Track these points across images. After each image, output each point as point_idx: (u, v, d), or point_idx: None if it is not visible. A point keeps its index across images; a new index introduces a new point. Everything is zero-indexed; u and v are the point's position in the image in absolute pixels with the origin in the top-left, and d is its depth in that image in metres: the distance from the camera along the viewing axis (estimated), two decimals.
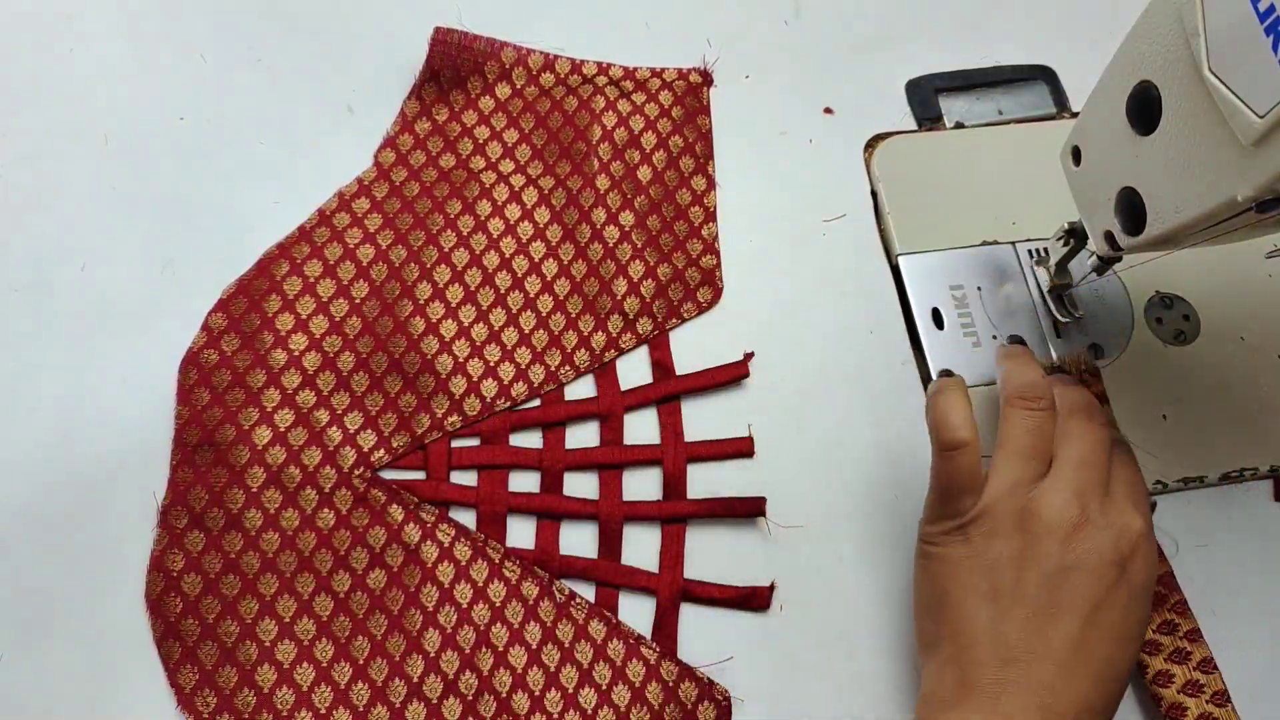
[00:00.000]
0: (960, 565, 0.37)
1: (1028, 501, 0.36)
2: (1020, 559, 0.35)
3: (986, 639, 0.35)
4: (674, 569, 0.42)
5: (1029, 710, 0.33)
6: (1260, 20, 0.29)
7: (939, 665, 0.36)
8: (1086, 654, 0.34)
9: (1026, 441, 0.38)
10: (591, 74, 0.51)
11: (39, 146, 0.47)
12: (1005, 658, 0.34)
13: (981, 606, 0.35)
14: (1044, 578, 0.35)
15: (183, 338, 0.44)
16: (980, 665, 0.35)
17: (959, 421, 0.38)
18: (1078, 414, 0.39)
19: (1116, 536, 0.35)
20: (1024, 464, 0.37)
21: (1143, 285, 0.48)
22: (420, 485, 0.42)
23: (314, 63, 0.50)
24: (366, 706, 0.39)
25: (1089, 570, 0.35)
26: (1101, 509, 0.36)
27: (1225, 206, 0.31)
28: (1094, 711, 0.34)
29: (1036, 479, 0.37)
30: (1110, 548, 0.35)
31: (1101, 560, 0.35)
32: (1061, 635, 0.34)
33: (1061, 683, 0.34)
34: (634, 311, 0.46)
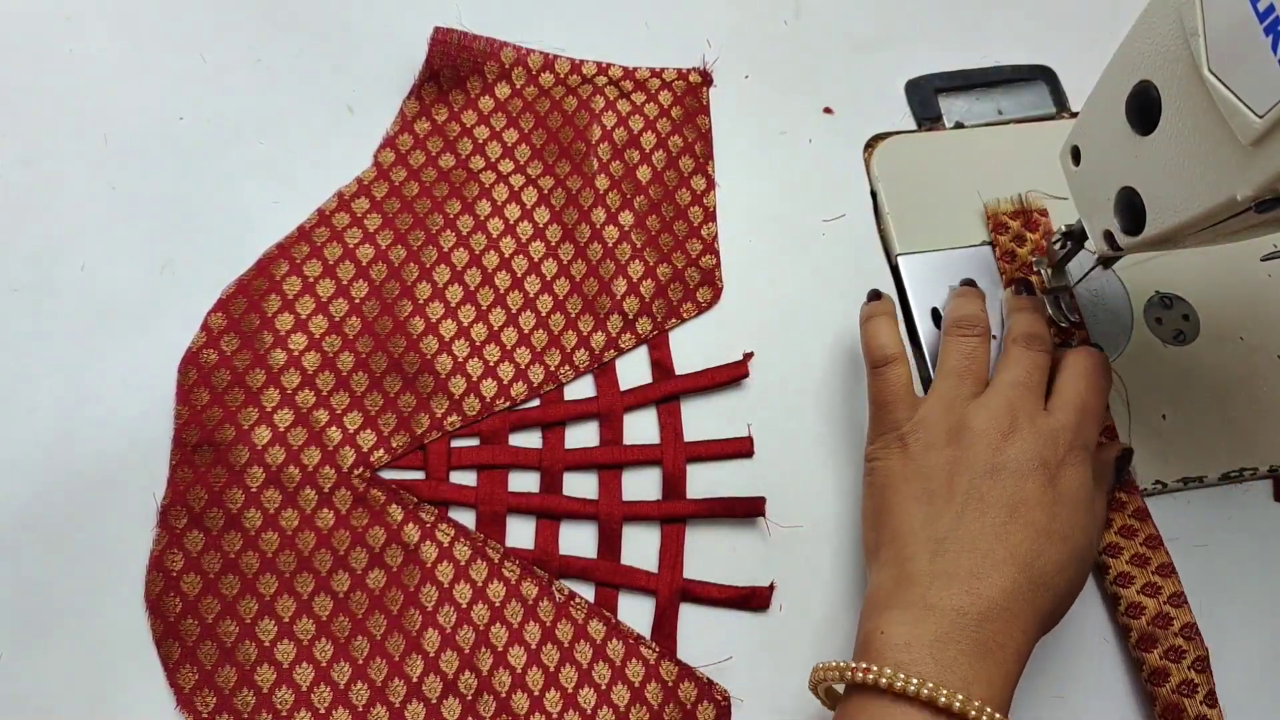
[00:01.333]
0: (898, 474, 0.39)
1: (961, 415, 0.39)
2: (952, 465, 0.38)
3: (919, 535, 0.37)
4: (673, 569, 0.42)
5: (956, 595, 0.35)
6: (1260, 20, 0.29)
7: (879, 568, 0.38)
8: (1009, 545, 0.36)
9: (961, 364, 0.41)
10: (591, 74, 0.51)
11: (39, 146, 0.47)
12: (934, 550, 0.36)
13: (916, 508, 0.37)
14: (973, 479, 0.37)
15: (182, 338, 0.44)
16: (913, 559, 0.36)
17: (886, 340, 0.42)
18: (1018, 341, 0.42)
19: (1043, 444, 0.38)
20: (958, 382, 0.40)
21: (1143, 285, 0.48)
22: (420, 485, 0.42)
23: (314, 63, 0.50)
24: (366, 706, 0.39)
25: (1014, 470, 0.37)
26: (1031, 420, 0.38)
27: (1225, 206, 0.32)
28: (1022, 601, 0.35)
29: (971, 397, 0.40)
30: (1035, 452, 0.37)
31: (1027, 462, 0.37)
32: (988, 528, 0.36)
33: (986, 569, 0.35)
34: (633, 311, 0.46)
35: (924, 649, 0.33)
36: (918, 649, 0.34)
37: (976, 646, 0.34)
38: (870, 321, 0.43)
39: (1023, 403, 0.39)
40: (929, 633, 0.34)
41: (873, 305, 0.44)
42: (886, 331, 0.42)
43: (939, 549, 0.36)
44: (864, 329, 0.43)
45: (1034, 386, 0.40)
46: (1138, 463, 0.44)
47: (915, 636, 0.34)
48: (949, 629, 0.34)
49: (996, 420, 0.38)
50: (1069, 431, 0.38)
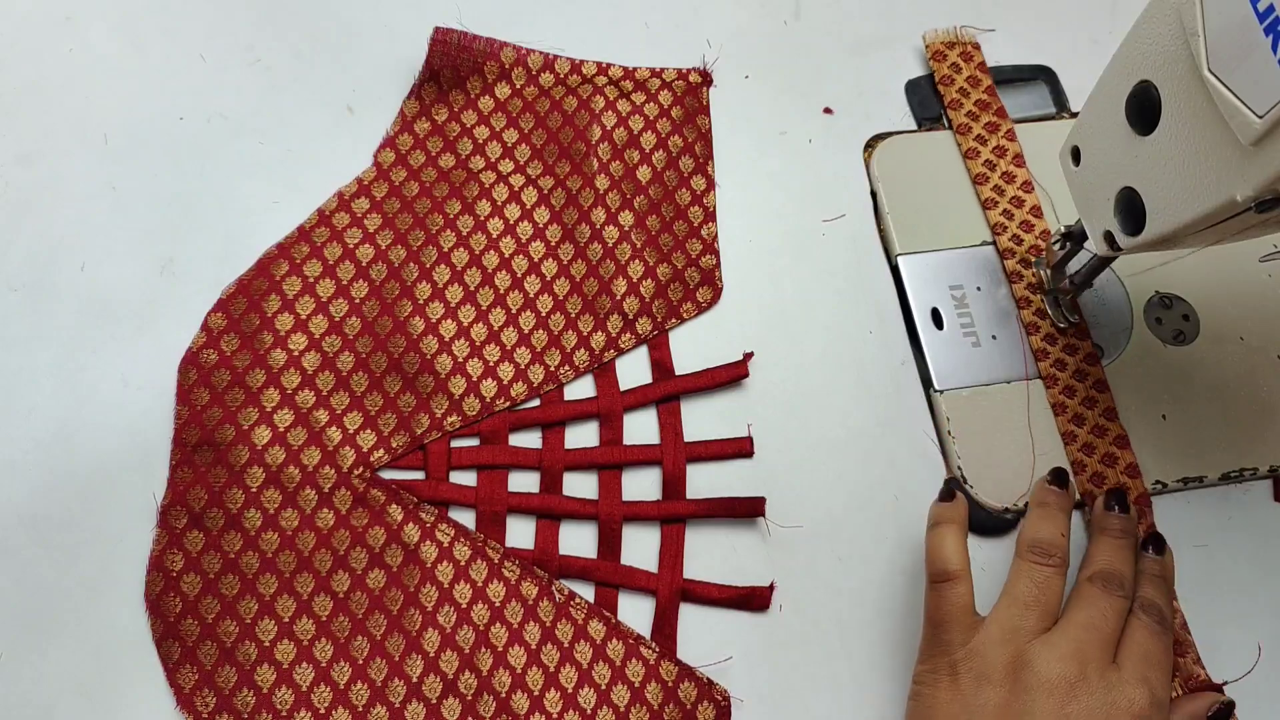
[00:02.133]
0: (943, 707, 0.35)
1: (1023, 651, 0.35)
2: (1005, 708, 0.34)
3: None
4: (673, 569, 0.42)
5: None
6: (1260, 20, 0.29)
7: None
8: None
9: (1030, 593, 0.37)
10: (591, 74, 0.51)
11: (39, 146, 0.47)
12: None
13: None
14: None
15: (182, 338, 0.44)
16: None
17: (950, 554, 0.38)
18: (1096, 580, 0.38)
19: (1113, 705, 0.34)
20: (1023, 612, 0.36)
21: (1143, 285, 0.48)
22: (419, 485, 0.42)
23: (314, 63, 0.50)
24: (366, 706, 0.39)
25: None
26: (1101, 675, 0.35)
27: (1225, 206, 0.31)
28: None
29: (1036, 632, 0.36)
30: (1104, 716, 0.34)
31: None
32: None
33: None
34: (633, 311, 0.46)
35: None
36: None
37: None
38: (937, 530, 0.39)
39: (1094, 652, 0.35)
40: None
41: (943, 509, 0.40)
42: (953, 545, 0.38)
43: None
44: (930, 536, 0.39)
45: (1109, 635, 0.36)
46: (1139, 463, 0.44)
47: None
48: None
49: (1063, 668, 0.34)
50: (1142, 691, 0.35)
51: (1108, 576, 0.38)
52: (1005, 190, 0.49)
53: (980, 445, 0.44)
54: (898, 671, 0.41)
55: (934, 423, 0.46)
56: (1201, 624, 0.42)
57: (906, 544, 0.43)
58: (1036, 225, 0.48)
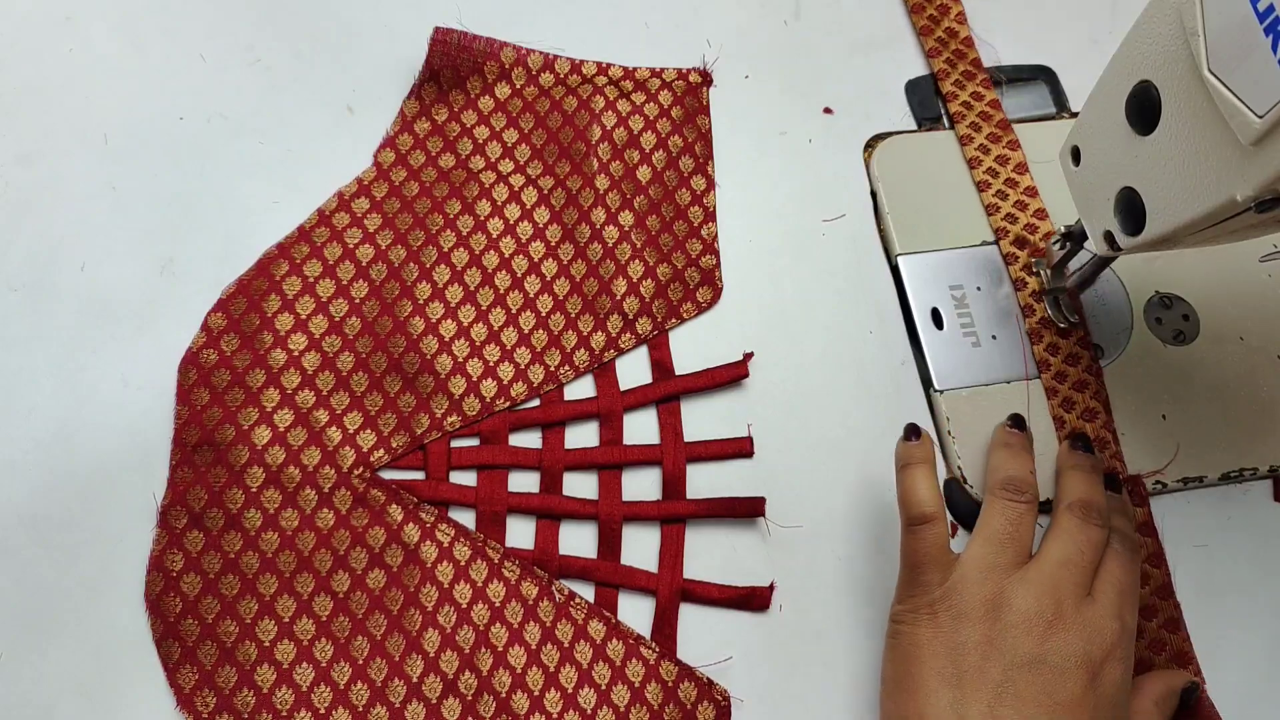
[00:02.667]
0: (925, 646, 0.36)
1: (1001, 588, 0.36)
2: (987, 645, 0.35)
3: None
4: (673, 569, 0.42)
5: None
6: (1260, 20, 0.29)
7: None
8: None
9: (1005, 529, 0.38)
10: (591, 74, 0.51)
11: (39, 146, 0.47)
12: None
13: (943, 689, 0.35)
14: (1009, 668, 0.34)
15: (182, 338, 0.44)
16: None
17: (925, 497, 0.38)
18: (1073, 511, 0.38)
19: (1089, 639, 0.35)
20: (998, 549, 0.37)
21: (1143, 285, 0.48)
22: (420, 485, 0.42)
23: (314, 63, 0.51)
24: (366, 706, 0.39)
25: (1056, 668, 0.34)
26: (1078, 609, 0.35)
27: (1225, 206, 0.31)
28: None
29: (1012, 567, 0.37)
30: (1082, 650, 0.34)
31: (1072, 660, 0.34)
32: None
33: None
34: (633, 311, 0.46)
35: None
36: None
37: None
38: (907, 470, 0.39)
39: (1070, 586, 0.36)
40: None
41: (910, 449, 0.40)
42: (926, 486, 0.39)
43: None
44: (900, 478, 0.39)
45: (1085, 568, 0.36)
46: (1138, 464, 0.44)
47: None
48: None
49: (1040, 603, 0.35)
50: (1115, 624, 0.35)
51: (1086, 505, 0.39)
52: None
53: (980, 445, 0.44)
54: None
55: (934, 423, 0.46)
56: (1202, 624, 0.42)
57: None
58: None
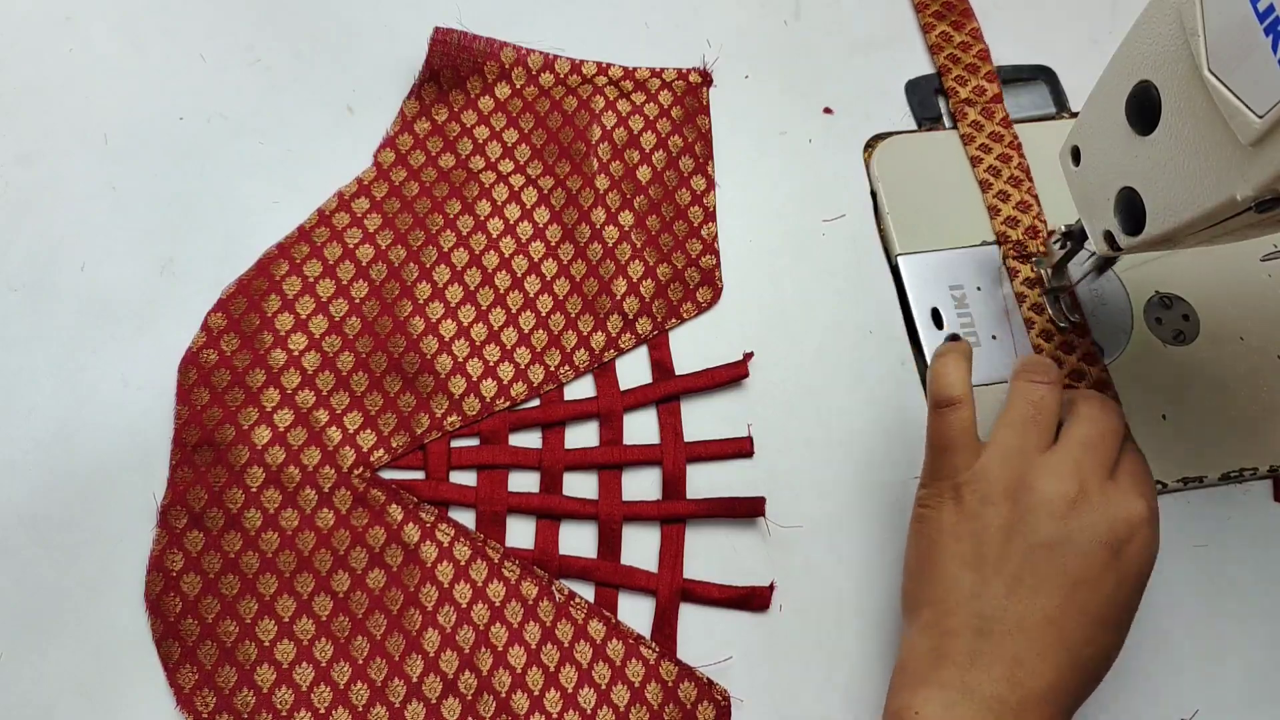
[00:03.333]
0: (948, 529, 0.36)
1: (1025, 471, 0.36)
2: (1009, 528, 0.35)
3: (964, 607, 0.35)
4: (673, 569, 0.42)
5: (996, 683, 0.33)
6: (1260, 20, 0.29)
7: (917, 632, 0.36)
8: (1061, 632, 0.34)
9: (1028, 412, 0.38)
10: (591, 74, 0.51)
11: (39, 146, 0.47)
12: (979, 628, 0.34)
13: (964, 572, 0.35)
14: (1030, 549, 0.35)
15: (182, 338, 0.44)
16: (954, 635, 0.35)
17: (954, 380, 0.38)
18: (1092, 400, 0.38)
19: (1113, 519, 0.35)
20: (1023, 432, 0.37)
21: (1143, 285, 0.48)
22: (420, 485, 0.42)
23: (314, 63, 0.50)
24: (366, 706, 0.39)
25: (1078, 548, 0.34)
26: (1102, 490, 0.35)
27: (1225, 206, 0.31)
28: (1062, 693, 0.34)
29: (1037, 450, 0.37)
30: (1105, 529, 0.35)
31: (1094, 540, 0.34)
32: (1039, 609, 0.34)
33: (1032, 658, 0.33)
34: (633, 311, 0.46)
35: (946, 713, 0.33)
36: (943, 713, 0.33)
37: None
38: (941, 358, 0.39)
39: (1093, 468, 0.36)
40: (963, 718, 0.33)
41: (949, 345, 0.40)
42: (956, 371, 0.38)
43: (984, 626, 0.34)
44: (934, 363, 0.40)
45: (1108, 451, 0.37)
46: None
47: (944, 698, 0.33)
48: (984, 717, 0.33)
49: (1063, 485, 0.35)
50: (1140, 503, 0.35)
51: (1104, 399, 0.39)
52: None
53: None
54: None
55: None
56: (1201, 624, 0.42)
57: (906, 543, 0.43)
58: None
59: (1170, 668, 0.42)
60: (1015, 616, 0.34)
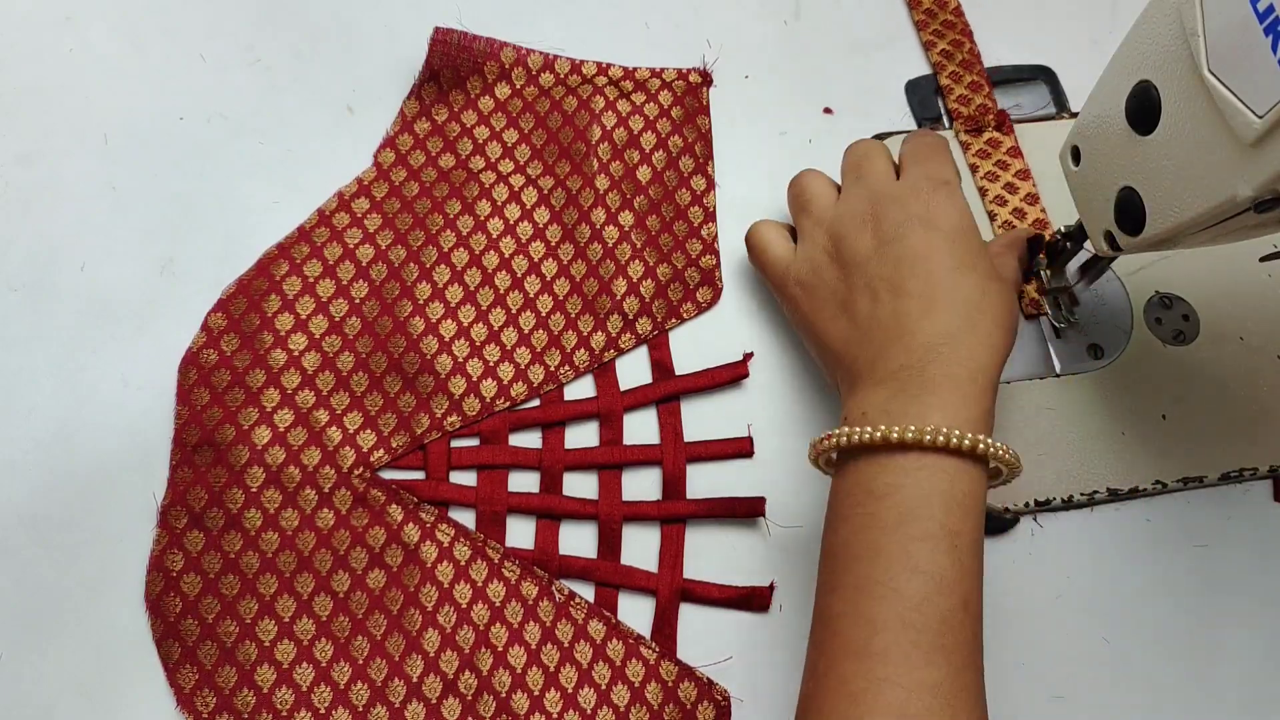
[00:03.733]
0: (806, 309, 0.42)
1: (831, 228, 0.42)
2: (844, 275, 0.40)
3: (847, 346, 0.39)
4: (673, 569, 0.42)
5: (896, 357, 0.37)
6: (1260, 20, 0.29)
7: (839, 380, 0.40)
8: (914, 299, 0.37)
9: (848, 163, 0.44)
10: (591, 74, 0.51)
11: (39, 146, 0.47)
12: (860, 349, 0.38)
13: (835, 327, 0.40)
14: (865, 274, 0.39)
15: (182, 338, 0.44)
16: (854, 362, 0.38)
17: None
18: (852, 153, 0.44)
19: (906, 198, 0.40)
20: (844, 182, 0.44)
21: (1143, 285, 0.48)
22: (420, 485, 0.42)
23: (314, 63, 0.51)
24: (366, 706, 0.39)
25: (892, 237, 0.39)
26: (889, 193, 0.40)
27: (1225, 206, 0.32)
28: (954, 330, 0.36)
29: (832, 207, 0.43)
30: (902, 211, 0.39)
31: (902, 224, 0.39)
32: (888, 306, 0.38)
33: (906, 327, 0.37)
34: (633, 311, 0.46)
35: (878, 408, 0.36)
36: (873, 410, 0.36)
37: (929, 385, 0.35)
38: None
39: (872, 182, 0.41)
40: (880, 396, 0.36)
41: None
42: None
43: (844, 347, 0.39)
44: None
45: (877, 160, 0.42)
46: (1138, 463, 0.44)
47: (869, 402, 0.36)
48: (896, 387, 0.36)
49: (857, 212, 0.41)
50: (924, 177, 0.40)
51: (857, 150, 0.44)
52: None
53: None
54: None
55: None
56: (1201, 624, 0.42)
57: None
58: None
59: (1170, 667, 0.42)
60: (878, 319, 0.38)
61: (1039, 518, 0.44)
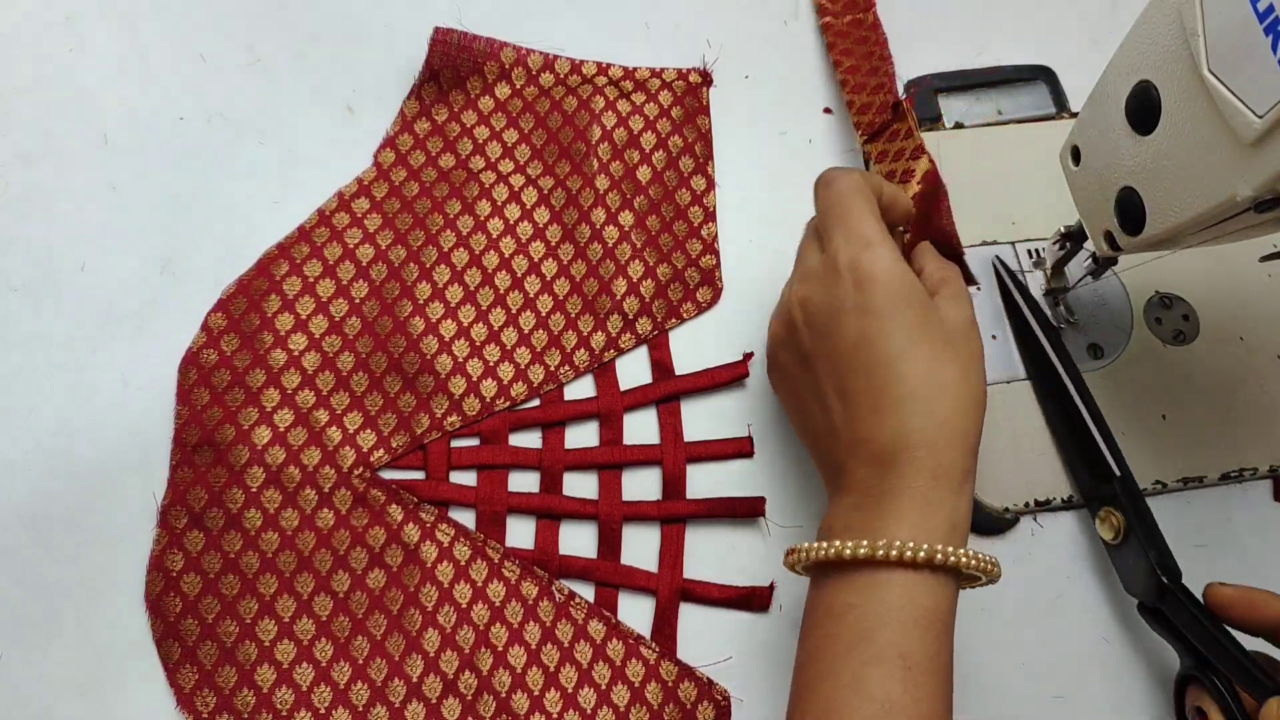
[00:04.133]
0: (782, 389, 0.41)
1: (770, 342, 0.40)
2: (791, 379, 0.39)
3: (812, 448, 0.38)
4: (673, 569, 0.42)
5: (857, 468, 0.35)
6: (1260, 20, 0.29)
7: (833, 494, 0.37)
8: (853, 401, 0.35)
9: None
10: (591, 74, 0.51)
11: (39, 146, 0.47)
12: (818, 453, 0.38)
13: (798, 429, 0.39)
14: (801, 382, 0.38)
15: (183, 338, 0.44)
16: (821, 464, 0.38)
17: None
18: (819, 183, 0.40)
19: (818, 292, 0.37)
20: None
21: (1143, 285, 0.48)
22: (420, 485, 0.42)
23: (314, 63, 0.50)
24: (366, 706, 0.39)
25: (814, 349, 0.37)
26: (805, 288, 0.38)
27: (1225, 206, 0.32)
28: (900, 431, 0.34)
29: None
30: (822, 307, 0.37)
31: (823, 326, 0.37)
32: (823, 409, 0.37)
33: (856, 437, 0.35)
34: (633, 311, 0.46)
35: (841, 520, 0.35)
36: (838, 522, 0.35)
37: (888, 494, 0.34)
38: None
39: (803, 264, 0.39)
40: (845, 506, 0.35)
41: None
42: None
43: (816, 448, 0.38)
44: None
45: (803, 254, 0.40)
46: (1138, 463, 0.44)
47: (835, 514, 0.35)
48: (858, 497, 0.35)
49: (783, 318, 0.39)
50: (843, 243, 0.36)
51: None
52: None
53: None
54: None
55: None
56: None
57: None
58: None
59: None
60: (821, 427, 0.37)
61: (1039, 518, 0.44)
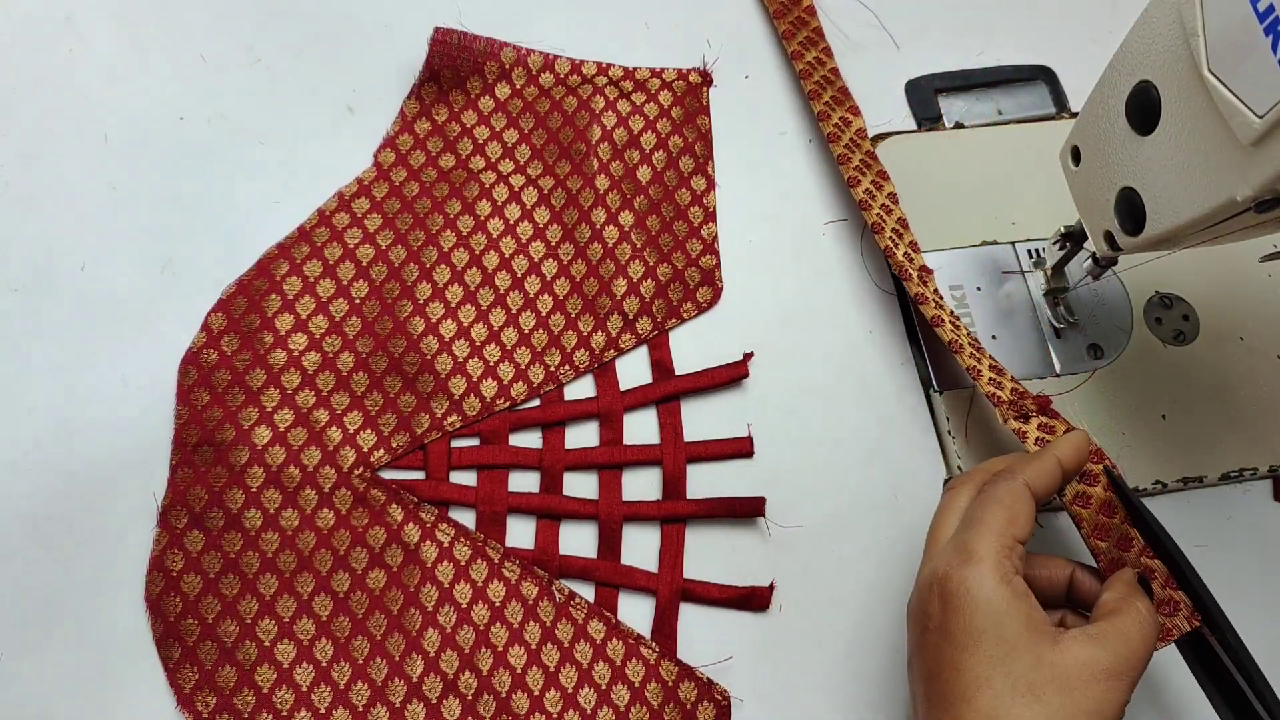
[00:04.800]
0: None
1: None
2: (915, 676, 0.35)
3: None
4: (673, 569, 0.42)
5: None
6: (1260, 20, 0.29)
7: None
8: (942, 702, 0.32)
9: None
10: (591, 74, 0.51)
11: (39, 146, 0.47)
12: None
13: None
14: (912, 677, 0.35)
15: (183, 338, 0.44)
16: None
17: None
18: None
19: (921, 593, 0.35)
20: None
21: (1143, 285, 0.48)
22: (420, 485, 0.42)
23: (314, 63, 0.50)
24: (366, 706, 0.39)
25: (918, 645, 0.34)
26: (922, 578, 0.35)
27: (1225, 206, 0.32)
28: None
29: None
30: (917, 605, 0.34)
31: (912, 618, 0.35)
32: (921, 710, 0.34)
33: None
34: (633, 311, 0.46)
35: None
36: None
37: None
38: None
39: (920, 572, 0.36)
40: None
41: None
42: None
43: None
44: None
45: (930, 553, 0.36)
46: (1138, 463, 0.44)
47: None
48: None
49: (912, 615, 0.35)
50: (952, 551, 0.34)
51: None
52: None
53: (980, 445, 0.44)
54: (897, 671, 0.41)
55: (934, 423, 0.46)
56: None
57: (906, 543, 0.43)
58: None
59: (1170, 668, 0.42)
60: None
61: (1039, 518, 0.44)
